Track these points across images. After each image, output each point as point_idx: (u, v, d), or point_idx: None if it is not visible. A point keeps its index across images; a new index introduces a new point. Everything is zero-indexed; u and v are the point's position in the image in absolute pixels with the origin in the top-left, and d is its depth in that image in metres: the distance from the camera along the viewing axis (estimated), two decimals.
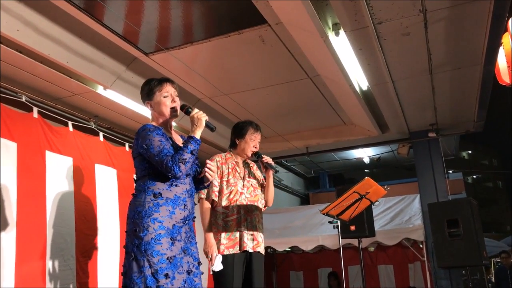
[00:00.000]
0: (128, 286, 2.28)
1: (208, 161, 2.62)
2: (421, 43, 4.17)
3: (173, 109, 2.54)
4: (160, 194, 2.35)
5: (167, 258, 2.28)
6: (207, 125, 2.55)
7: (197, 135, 2.44)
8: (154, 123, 2.55)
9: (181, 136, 2.71)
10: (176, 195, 2.40)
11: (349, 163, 10.28)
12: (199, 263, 2.49)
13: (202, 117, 2.46)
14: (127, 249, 2.36)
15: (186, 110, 2.52)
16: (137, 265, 2.26)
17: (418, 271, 7.50)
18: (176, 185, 2.41)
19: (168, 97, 2.54)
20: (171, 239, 2.33)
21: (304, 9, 3.31)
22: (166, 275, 2.25)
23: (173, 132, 2.64)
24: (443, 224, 5.41)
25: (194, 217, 2.57)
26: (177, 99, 2.57)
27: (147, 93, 2.55)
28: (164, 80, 2.57)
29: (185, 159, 2.33)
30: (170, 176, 2.35)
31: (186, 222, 2.45)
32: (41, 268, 3.86)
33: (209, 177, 2.57)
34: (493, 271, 10.45)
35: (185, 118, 2.57)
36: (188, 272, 2.37)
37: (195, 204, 2.59)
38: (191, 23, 3.93)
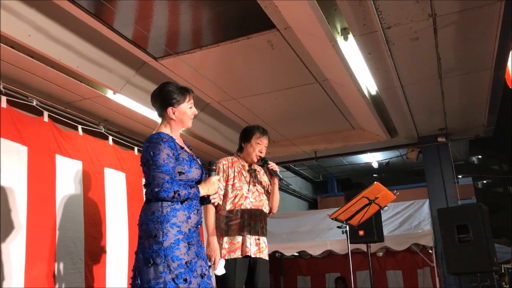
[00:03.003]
0: None
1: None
2: (430, 47, 4.15)
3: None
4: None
5: (185, 263, 2.30)
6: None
7: (202, 193, 2.47)
8: (166, 130, 2.54)
9: (184, 141, 2.71)
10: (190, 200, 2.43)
11: (357, 167, 10.25)
12: (209, 267, 2.54)
13: (217, 185, 2.58)
14: (143, 254, 2.32)
15: (209, 169, 2.61)
16: (155, 270, 2.25)
17: (427, 276, 7.44)
18: None
19: (192, 108, 2.58)
20: (188, 244, 2.35)
21: (313, 14, 3.31)
22: (185, 280, 2.27)
23: (179, 138, 2.64)
24: (453, 230, 5.37)
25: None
26: (195, 110, 2.63)
27: (174, 99, 2.53)
28: (190, 91, 2.60)
29: (181, 195, 2.34)
30: (156, 190, 2.31)
31: (198, 226, 2.48)
32: (50, 271, 3.88)
33: (214, 201, 2.64)
34: (507, 278, 10.34)
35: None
36: (202, 276, 2.39)
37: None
38: (200, 28, 3.95)
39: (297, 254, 8.17)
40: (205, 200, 2.57)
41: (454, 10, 3.63)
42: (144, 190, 2.47)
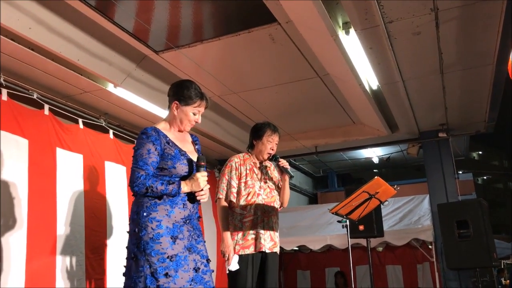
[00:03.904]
0: (129, 286, 2.27)
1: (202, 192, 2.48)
2: (432, 42, 4.14)
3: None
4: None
5: (168, 257, 2.26)
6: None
7: (185, 190, 2.38)
8: (166, 125, 2.54)
9: (192, 136, 2.70)
10: None
11: (358, 162, 10.24)
12: (208, 261, 2.47)
13: (201, 182, 2.40)
14: (128, 249, 2.37)
15: (197, 165, 2.45)
16: (137, 265, 2.26)
17: (426, 272, 7.46)
18: None
19: (197, 116, 2.54)
20: (171, 238, 2.31)
21: (314, 8, 3.30)
22: (166, 274, 2.23)
23: (183, 132, 2.61)
24: (453, 225, 5.38)
25: (199, 217, 2.55)
26: (199, 118, 2.57)
27: (183, 97, 2.51)
28: (204, 99, 2.56)
29: (154, 191, 2.30)
30: (129, 185, 2.34)
31: (188, 221, 2.43)
32: (51, 264, 3.89)
33: (200, 199, 2.48)
34: (507, 273, 10.37)
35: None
36: (196, 270, 2.36)
37: (199, 204, 2.54)
38: (201, 21, 3.94)
39: (297, 248, 8.18)
40: (195, 198, 2.46)
41: (456, 5, 3.61)
42: None
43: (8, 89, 3.87)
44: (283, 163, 3.30)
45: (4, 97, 3.77)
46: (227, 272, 3.10)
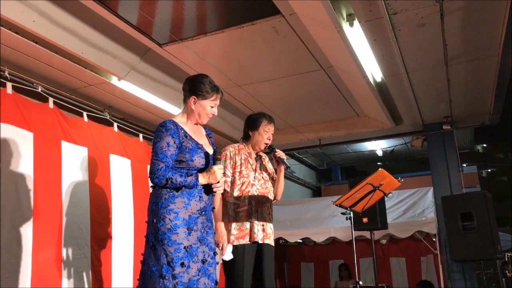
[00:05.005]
0: (145, 273, 2.38)
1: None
2: (436, 34, 4.11)
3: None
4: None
5: (184, 248, 2.36)
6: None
7: (202, 182, 2.48)
8: (182, 118, 2.62)
9: (205, 129, 2.79)
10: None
11: (361, 155, 10.23)
12: (215, 253, 2.56)
13: (218, 175, 2.52)
14: (147, 238, 2.45)
15: (214, 158, 2.58)
16: (155, 254, 2.35)
17: (430, 264, 7.48)
18: None
19: (214, 109, 2.65)
20: (187, 229, 2.40)
21: (318, 0, 3.29)
22: (182, 264, 2.32)
23: (197, 126, 2.69)
24: (457, 217, 5.38)
25: (213, 208, 2.65)
26: (216, 111, 2.68)
27: (200, 92, 2.59)
28: (219, 92, 2.66)
29: (174, 182, 2.39)
30: (149, 177, 2.43)
31: (203, 213, 2.52)
32: (57, 256, 3.92)
33: (216, 191, 2.62)
34: (511, 266, 10.36)
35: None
36: (203, 261, 2.45)
37: (213, 195, 2.66)
38: (205, 14, 3.93)
39: (300, 241, 8.21)
40: (211, 190, 2.58)
41: None
42: None
43: (13, 82, 3.88)
44: (280, 153, 3.28)
45: (9, 90, 3.78)
46: (221, 262, 3.11)
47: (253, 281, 3.16)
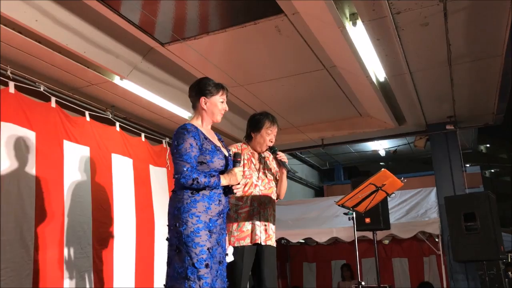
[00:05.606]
0: (171, 275, 2.46)
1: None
2: (440, 33, 4.09)
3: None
4: (197, 191, 2.50)
5: (207, 249, 2.44)
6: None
7: (223, 183, 2.58)
8: (197, 122, 2.70)
9: (216, 134, 2.84)
10: (211, 191, 2.54)
11: (364, 155, 10.20)
12: (226, 254, 2.69)
13: (239, 177, 2.64)
14: (170, 241, 2.52)
15: (234, 160, 2.68)
16: (179, 256, 2.43)
17: (433, 265, 7.45)
18: None
19: (224, 104, 2.74)
20: (208, 232, 2.48)
21: None
22: (207, 265, 2.41)
23: (210, 129, 2.78)
24: (460, 218, 5.36)
25: (229, 209, 2.76)
26: (226, 106, 2.77)
27: (208, 91, 2.70)
28: (224, 87, 2.76)
29: (199, 182, 2.47)
30: (175, 177, 2.49)
31: (221, 215, 2.61)
32: (59, 256, 3.92)
33: (236, 192, 2.73)
34: None
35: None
36: (219, 263, 2.56)
37: (229, 198, 2.78)
38: (207, 13, 3.92)
39: (303, 241, 8.20)
40: (229, 191, 2.67)
41: None
42: (174, 182, 2.60)
43: (15, 81, 3.88)
44: (281, 156, 3.25)
45: (12, 89, 3.78)
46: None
47: (254, 281, 3.15)
